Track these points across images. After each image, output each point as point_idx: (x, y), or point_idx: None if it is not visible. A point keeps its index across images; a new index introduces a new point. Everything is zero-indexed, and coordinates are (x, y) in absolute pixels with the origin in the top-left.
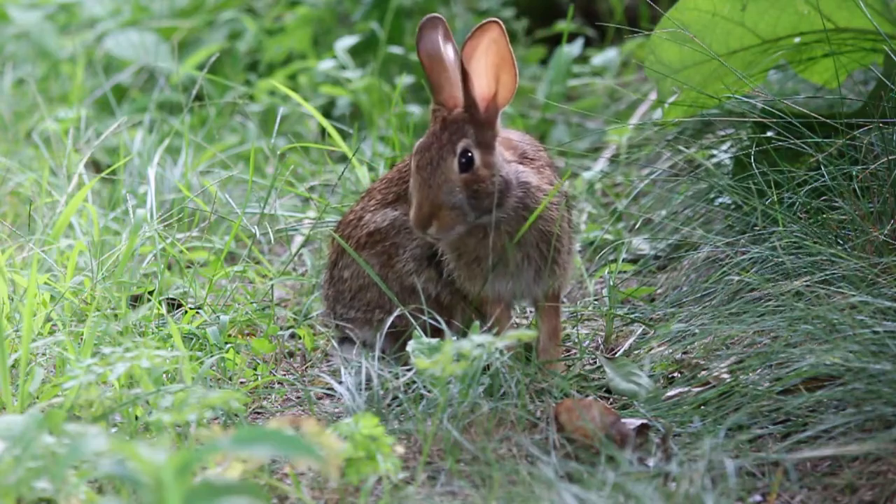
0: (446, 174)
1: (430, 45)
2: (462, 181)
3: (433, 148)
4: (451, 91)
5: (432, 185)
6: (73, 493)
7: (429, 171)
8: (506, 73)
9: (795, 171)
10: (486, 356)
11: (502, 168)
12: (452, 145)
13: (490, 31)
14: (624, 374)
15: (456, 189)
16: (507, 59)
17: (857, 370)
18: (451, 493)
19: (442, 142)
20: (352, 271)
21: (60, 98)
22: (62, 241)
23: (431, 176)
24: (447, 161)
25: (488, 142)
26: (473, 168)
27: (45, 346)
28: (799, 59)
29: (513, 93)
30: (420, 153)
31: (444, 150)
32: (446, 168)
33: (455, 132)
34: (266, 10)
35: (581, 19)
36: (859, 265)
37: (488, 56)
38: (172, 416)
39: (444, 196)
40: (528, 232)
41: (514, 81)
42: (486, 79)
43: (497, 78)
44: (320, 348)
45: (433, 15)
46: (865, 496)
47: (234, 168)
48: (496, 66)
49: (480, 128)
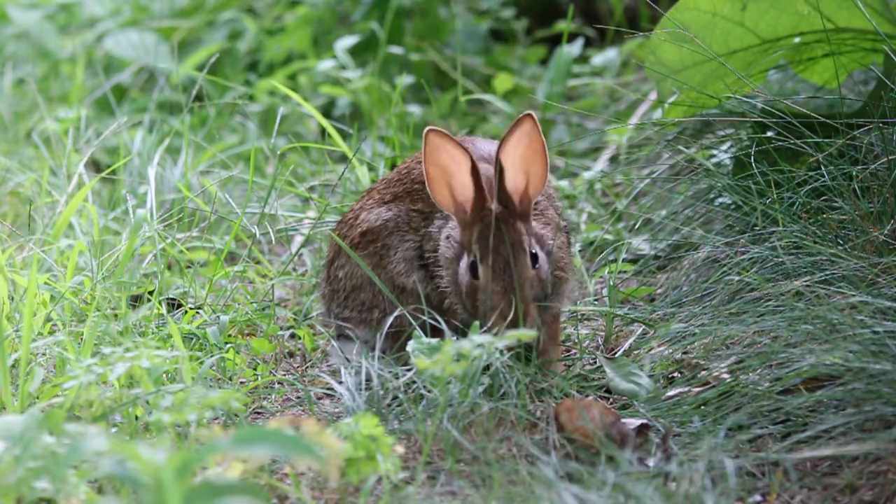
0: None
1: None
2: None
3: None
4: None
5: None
6: (73, 493)
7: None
8: (536, 164)
9: (795, 171)
10: (486, 356)
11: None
12: (521, 244)
13: (524, 125)
14: (624, 374)
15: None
16: (540, 151)
17: (857, 370)
18: (451, 493)
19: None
20: (346, 271)
21: (60, 98)
22: (62, 241)
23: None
24: (522, 260)
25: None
26: (539, 263)
27: (45, 346)
28: (799, 59)
29: (544, 183)
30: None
31: (517, 249)
32: (523, 266)
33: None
34: (266, 10)
35: (581, 19)
36: (859, 265)
37: (518, 147)
38: (172, 416)
39: (528, 292)
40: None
41: (545, 171)
42: (517, 172)
43: (528, 171)
44: (320, 348)
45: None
46: (865, 496)
47: (234, 168)
48: (526, 157)
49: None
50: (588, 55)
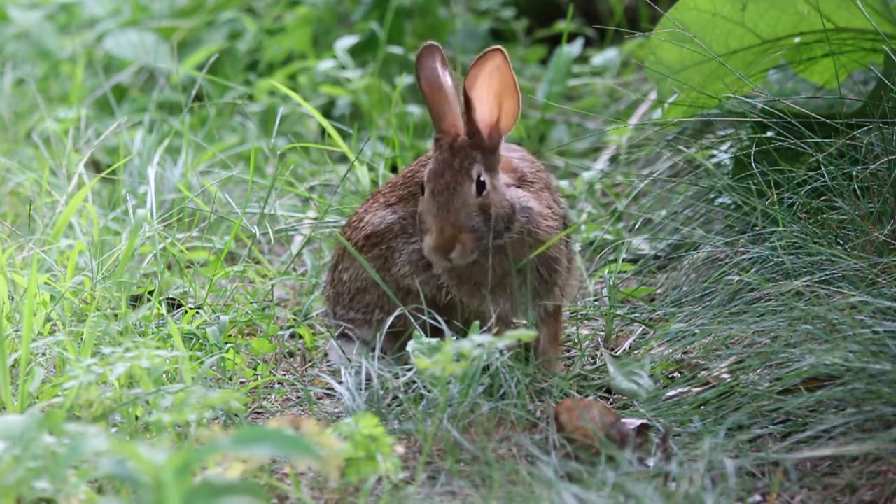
0: (464, 198)
1: (430, 73)
2: (478, 205)
3: (447, 173)
4: (452, 119)
5: (451, 210)
6: (73, 493)
7: (446, 196)
8: (508, 99)
9: (795, 171)
10: (486, 356)
11: (507, 192)
12: (466, 170)
13: (493, 59)
14: (625, 372)
15: (474, 213)
16: (511, 86)
17: (857, 370)
18: (451, 493)
19: (455, 167)
20: (351, 274)
21: (60, 98)
22: (62, 241)
23: (450, 201)
24: (464, 185)
25: (493, 167)
26: (486, 192)
27: (45, 346)
28: (799, 59)
29: (516, 119)
30: (434, 179)
31: (460, 174)
32: (464, 192)
33: (465, 157)
34: (266, 10)
35: (581, 19)
36: (859, 265)
37: (491, 83)
38: (172, 416)
39: (464, 220)
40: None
41: (516, 108)
42: (489, 106)
43: (500, 105)
44: (320, 348)
45: (430, 43)
46: (865, 496)
47: (234, 168)
48: (499, 93)
49: (486, 153)
50: (588, 55)
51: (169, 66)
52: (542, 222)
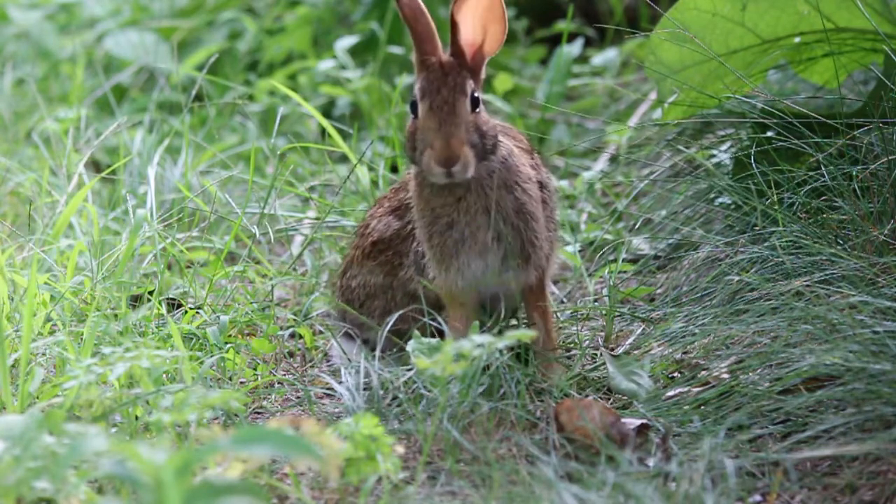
0: (463, 114)
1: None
2: (473, 121)
3: (444, 90)
4: (435, 41)
5: (454, 124)
6: (73, 493)
7: (447, 109)
8: (494, 25)
9: (795, 171)
10: (486, 356)
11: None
12: (461, 86)
13: None
14: (625, 372)
15: (472, 129)
16: (498, 11)
17: (857, 370)
18: (451, 493)
19: (450, 84)
20: (359, 281)
21: (60, 98)
22: (62, 241)
23: (451, 115)
24: (460, 101)
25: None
26: (479, 109)
27: (45, 346)
28: (799, 59)
29: (500, 44)
30: (431, 95)
31: (457, 90)
32: (462, 108)
33: (458, 74)
34: (266, 10)
35: (581, 19)
36: (859, 265)
37: (478, 8)
38: (172, 416)
39: (465, 133)
40: (505, 206)
41: (502, 33)
42: (474, 28)
43: (485, 28)
44: (320, 348)
45: None
46: (865, 496)
47: (234, 168)
48: (485, 17)
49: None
50: (588, 55)
51: (169, 66)
52: (521, 169)
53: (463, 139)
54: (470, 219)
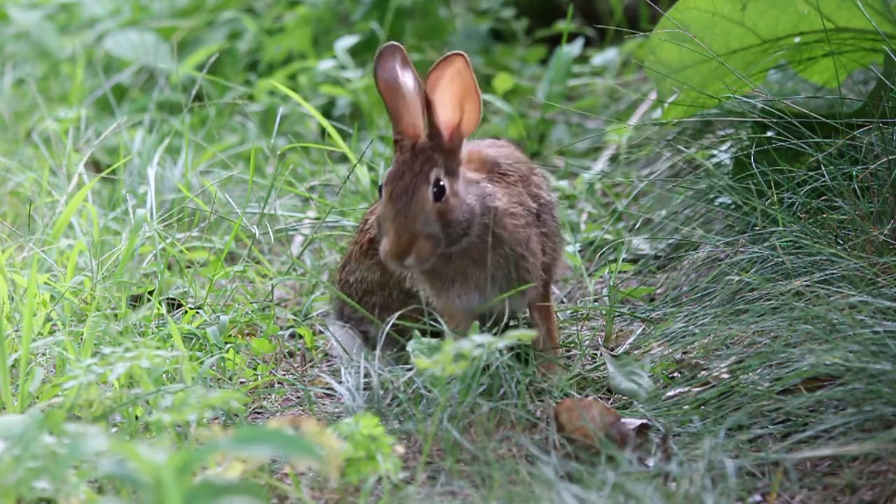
0: (422, 204)
1: (389, 73)
2: (436, 210)
3: (406, 177)
4: (410, 119)
5: (408, 215)
6: (73, 493)
7: (404, 200)
8: (470, 102)
9: (795, 171)
10: (486, 356)
11: (469, 196)
12: (425, 174)
13: (455, 63)
14: (625, 372)
15: (431, 219)
16: (472, 89)
17: (857, 370)
18: (451, 493)
19: (414, 171)
20: (356, 277)
21: (60, 98)
22: (62, 241)
23: (407, 206)
24: (421, 190)
25: (454, 170)
26: (445, 197)
27: (45, 346)
28: (799, 59)
29: (477, 122)
30: (392, 183)
31: (418, 178)
32: (421, 197)
33: (426, 161)
34: (266, 10)
35: (581, 19)
36: (859, 265)
37: (453, 86)
38: (172, 416)
39: (420, 226)
40: (495, 258)
41: (478, 111)
42: (451, 108)
43: (461, 107)
44: (320, 348)
45: (391, 43)
46: (865, 496)
47: (234, 168)
48: (460, 96)
49: (446, 156)
50: (588, 55)
51: (169, 66)
52: (508, 221)
53: (417, 232)
54: (460, 273)
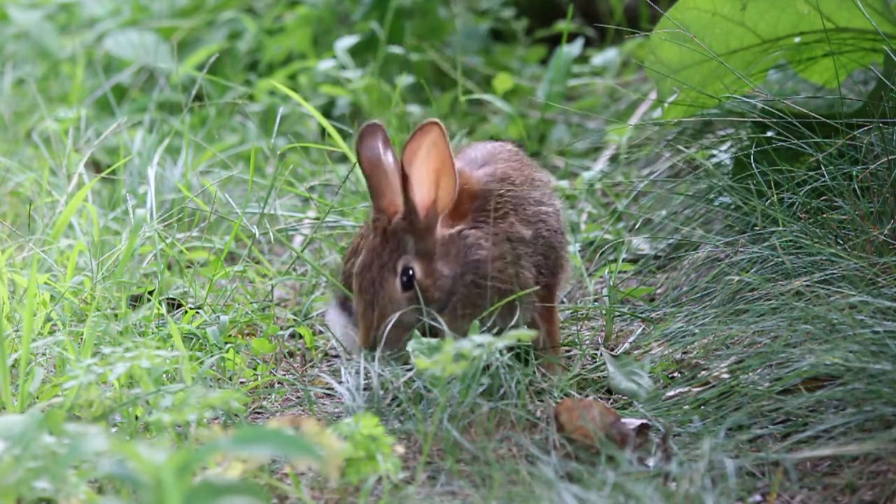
0: (389, 294)
1: (370, 151)
2: (406, 299)
3: (374, 268)
4: (391, 198)
5: (376, 307)
6: (73, 493)
7: (371, 293)
8: (446, 177)
9: (795, 171)
10: (486, 356)
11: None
12: (393, 264)
13: (430, 134)
14: (625, 372)
15: (402, 307)
16: (448, 162)
17: (857, 370)
18: (451, 493)
19: (382, 261)
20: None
21: (60, 98)
22: (62, 241)
23: (375, 298)
24: (389, 281)
25: (429, 249)
26: (415, 284)
27: (45, 346)
28: (799, 59)
29: (453, 198)
30: (361, 274)
31: (386, 269)
32: (389, 288)
33: (395, 248)
34: (266, 10)
35: (581, 19)
36: (859, 265)
37: (429, 160)
38: (172, 416)
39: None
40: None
41: (453, 186)
42: (427, 185)
43: (437, 183)
44: (320, 348)
45: (373, 122)
46: (865, 496)
47: (234, 168)
48: (437, 170)
49: (421, 235)
50: (588, 55)
51: (169, 66)
52: (492, 268)
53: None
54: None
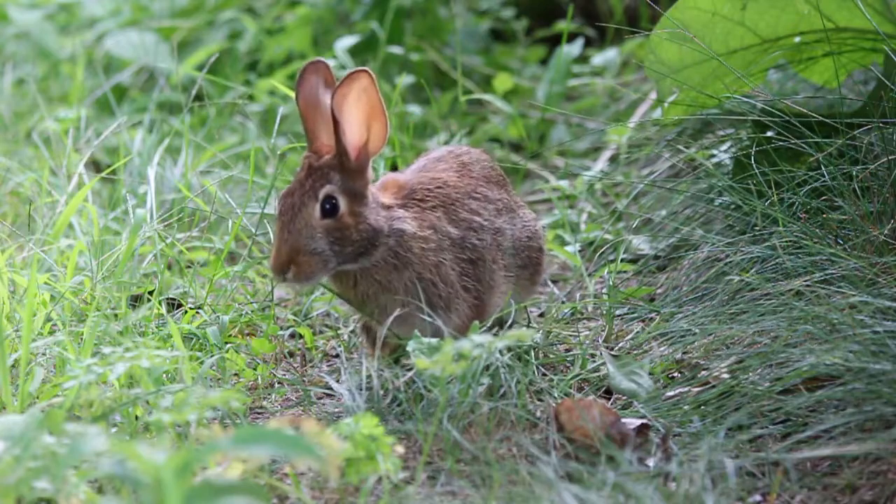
0: (307, 220)
1: (309, 91)
2: (324, 227)
3: (296, 194)
4: (325, 139)
5: (292, 231)
6: (73, 493)
7: (289, 216)
8: (377, 122)
9: (795, 171)
10: (486, 356)
11: (372, 216)
12: (315, 191)
13: (360, 80)
14: (625, 372)
15: (317, 235)
16: (378, 108)
17: (857, 370)
18: (451, 493)
19: (305, 188)
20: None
21: (60, 98)
22: (62, 241)
23: (291, 221)
24: (308, 207)
25: (358, 190)
26: (337, 215)
27: (45, 346)
28: (799, 59)
29: (384, 141)
30: (283, 199)
31: (307, 195)
32: (307, 214)
33: (319, 178)
34: (266, 10)
35: (581, 19)
36: (859, 265)
37: (360, 105)
38: (172, 416)
39: (303, 241)
40: (403, 283)
41: (384, 130)
42: (358, 127)
43: (368, 126)
44: (320, 348)
45: (315, 60)
46: (865, 496)
47: (234, 168)
48: (367, 115)
49: (350, 175)
50: (588, 55)
51: (169, 66)
52: (415, 245)
53: (299, 248)
54: (371, 299)
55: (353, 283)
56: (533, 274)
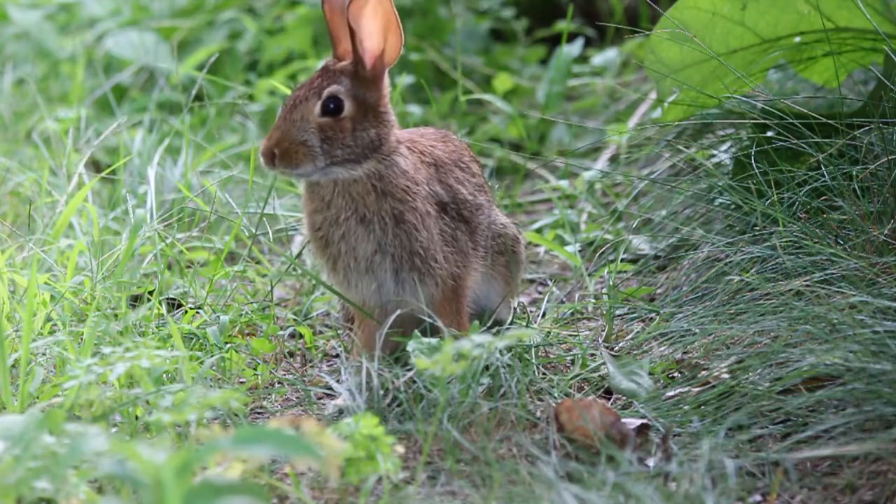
0: (305, 113)
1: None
2: (319, 124)
3: (304, 88)
4: (347, 46)
5: (287, 120)
6: (73, 493)
7: (290, 107)
8: (392, 34)
9: (795, 171)
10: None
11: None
12: (320, 89)
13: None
14: (625, 372)
15: (311, 129)
16: (393, 20)
17: (857, 370)
18: (451, 493)
19: (313, 85)
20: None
21: (60, 98)
22: (62, 241)
23: (290, 112)
24: (310, 102)
25: (370, 100)
26: (339, 116)
27: (45, 346)
28: (799, 59)
29: (398, 53)
30: (291, 96)
31: (312, 91)
32: (307, 108)
33: (329, 79)
34: (266, 10)
35: (581, 19)
36: (859, 265)
37: (376, 16)
38: (172, 416)
39: (296, 132)
40: (380, 215)
41: (399, 42)
42: (375, 36)
43: (384, 37)
44: (320, 348)
45: None
46: (865, 496)
47: (234, 168)
48: (383, 26)
49: (363, 83)
50: (588, 55)
51: (169, 66)
52: (402, 181)
53: (291, 137)
54: (345, 230)
55: (328, 201)
56: (510, 263)
